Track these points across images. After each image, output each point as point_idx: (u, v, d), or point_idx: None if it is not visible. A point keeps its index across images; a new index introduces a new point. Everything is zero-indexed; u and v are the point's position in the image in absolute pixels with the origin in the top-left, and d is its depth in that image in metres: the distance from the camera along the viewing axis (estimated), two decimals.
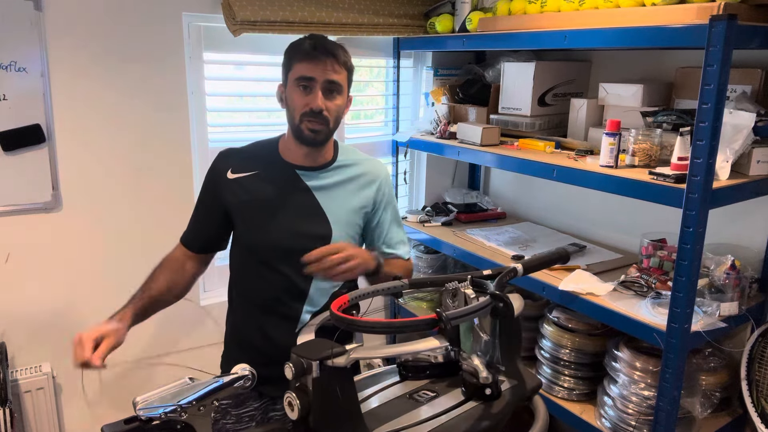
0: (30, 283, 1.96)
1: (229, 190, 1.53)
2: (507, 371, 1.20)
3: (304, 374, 1.00)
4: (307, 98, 1.46)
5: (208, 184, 1.59)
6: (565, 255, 1.50)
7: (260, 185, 1.53)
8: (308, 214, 1.53)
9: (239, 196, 1.53)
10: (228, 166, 1.55)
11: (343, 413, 1.00)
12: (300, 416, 1.00)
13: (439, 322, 1.00)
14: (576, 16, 1.77)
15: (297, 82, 1.46)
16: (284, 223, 1.52)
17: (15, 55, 1.78)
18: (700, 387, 1.71)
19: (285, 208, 1.52)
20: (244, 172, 1.54)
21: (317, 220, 1.54)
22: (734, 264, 1.63)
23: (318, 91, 1.45)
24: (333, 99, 1.48)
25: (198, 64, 2.12)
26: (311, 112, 1.45)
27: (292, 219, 1.52)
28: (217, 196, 1.55)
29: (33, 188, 1.89)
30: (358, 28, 2.25)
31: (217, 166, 1.57)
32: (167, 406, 0.98)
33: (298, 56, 1.46)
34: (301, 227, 1.52)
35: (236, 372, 1.08)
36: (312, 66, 1.44)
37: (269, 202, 1.52)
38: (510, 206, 2.67)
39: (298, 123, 1.48)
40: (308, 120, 1.46)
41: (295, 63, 1.47)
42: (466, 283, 1.26)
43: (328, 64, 1.45)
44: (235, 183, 1.53)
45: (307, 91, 1.46)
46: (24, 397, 1.92)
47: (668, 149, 1.63)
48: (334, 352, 0.98)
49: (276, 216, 1.52)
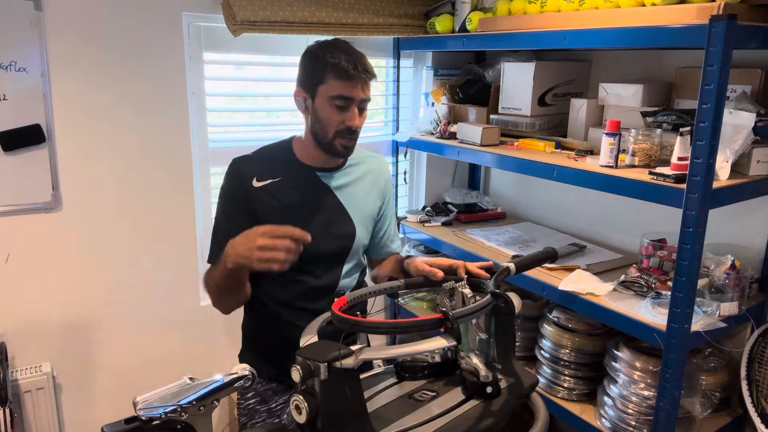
0: (30, 283, 1.96)
1: (257, 198, 1.50)
2: (503, 369, 1.21)
3: (312, 377, 0.99)
4: (343, 116, 1.44)
5: (235, 194, 1.52)
6: (554, 254, 1.53)
7: (287, 191, 1.52)
8: (334, 215, 1.56)
9: (268, 203, 1.51)
10: (251, 175, 1.51)
11: (351, 415, 1.00)
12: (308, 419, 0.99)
13: (445, 322, 1.00)
14: (576, 16, 1.76)
15: (332, 99, 1.44)
16: (314, 226, 1.50)
17: (15, 55, 1.78)
18: (700, 387, 1.71)
19: (313, 211, 1.54)
20: (268, 179, 1.52)
21: (343, 220, 1.57)
22: (734, 264, 1.63)
23: (354, 109, 1.45)
24: (363, 114, 1.50)
25: (198, 64, 2.12)
26: (347, 130, 1.46)
27: (321, 221, 1.53)
28: (247, 206, 1.51)
29: (33, 188, 1.89)
30: (358, 28, 2.25)
31: (238, 175, 1.52)
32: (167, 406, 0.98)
33: (335, 72, 1.42)
34: (330, 228, 1.54)
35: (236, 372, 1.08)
36: (351, 86, 1.42)
37: (298, 206, 1.52)
38: (510, 206, 2.67)
39: (331, 139, 1.47)
40: (343, 137, 1.47)
41: (329, 78, 1.43)
42: (463, 283, 1.27)
43: (366, 83, 1.45)
44: (263, 191, 1.51)
45: (343, 110, 1.44)
46: (24, 397, 1.92)
47: (668, 149, 1.63)
48: (342, 353, 0.97)
49: (306, 220, 1.51)
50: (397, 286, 1.39)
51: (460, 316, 1.03)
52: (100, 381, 2.14)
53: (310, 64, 1.46)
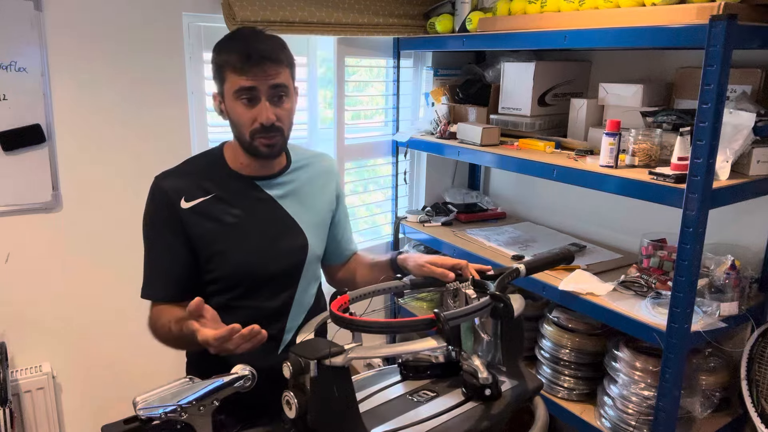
0: (30, 283, 1.96)
1: (188, 221, 1.31)
2: (508, 372, 1.20)
3: (302, 373, 1.00)
4: (254, 111, 1.28)
5: (162, 218, 1.33)
6: (570, 255, 1.50)
7: (222, 208, 1.34)
8: (282, 228, 1.40)
9: (202, 225, 1.32)
10: (178, 195, 1.32)
11: (340, 412, 1.01)
12: (298, 415, 1.01)
13: (436, 323, 1.00)
14: (576, 16, 1.76)
15: (237, 95, 1.27)
16: (260, 243, 1.36)
17: (15, 55, 1.78)
18: (700, 387, 1.71)
19: (256, 227, 1.37)
20: (199, 198, 1.33)
21: (292, 233, 1.41)
22: (734, 264, 1.63)
23: (264, 101, 1.27)
24: (282, 104, 1.30)
25: (198, 64, 2.12)
26: (262, 127, 1.28)
27: (268, 237, 1.38)
28: (179, 231, 1.32)
29: (33, 188, 1.89)
30: (358, 28, 2.25)
31: (163, 197, 1.33)
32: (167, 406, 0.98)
33: (231, 64, 1.26)
34: (279, 244, 1.39)
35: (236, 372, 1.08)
36: (250, 75, 1.25)
37: (238, 224, 1.35)
38: (510, 206, 2.67)
39: (250, 140, 1.31)
40: (261, 136, 1.30)
41: (228, 73, 1.27)
42: (467, 284, 1.26)
43: (267, 68, 1.25)
44: (193, 212, 1.32)
45: (251, 104, 1.28)
46: (24, 397, 1.92)
47: (668, 149, 1.63)
48: (332, 351, 0.99)
49: (249, 238, 1.35)
50: (402, 285, 1.39)
51: (452, 317, 1.02)
52: (100, 381, 2.14)
53: (213, 63, 1.32)
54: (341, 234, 1.59)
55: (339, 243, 1.59)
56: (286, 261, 1.40)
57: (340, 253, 1.61)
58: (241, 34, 1.32)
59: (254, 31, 1.32)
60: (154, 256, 1.37)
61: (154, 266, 1.36)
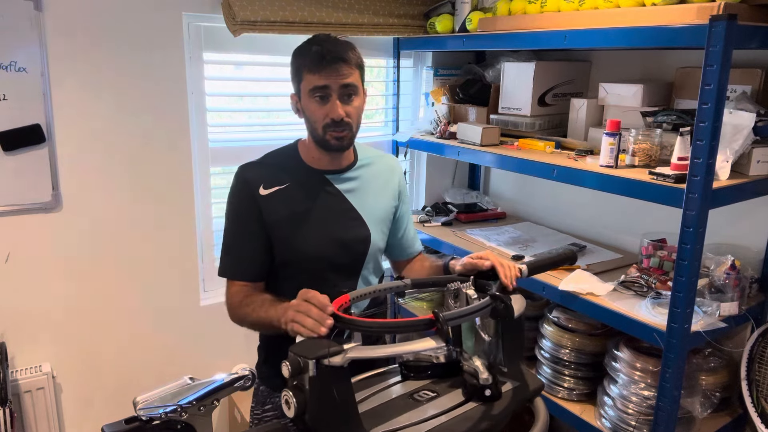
0: (30, 283, 1.96)
1: (266, 207, 1.45)
2: (509, 372, 1.20)
3: (301, 373, 1.01)
4: (325, 108, 1.40)
5: (245, 205, 1.46)
6: (573, 256, 1.50)
7: (296, 197, 1.47)
8: (346, 219, 1.51)
9: (277, 212, 1.45)
10: (257, 183, 1.46)
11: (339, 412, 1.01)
12: (296, 414, 1.01)
13: (435, 323, 1.00)
14: (576, 16, 1.76)
15: (311, 93, 1.41)
16: (327, 232, 1.47)
17: (15, 55, 1.78)
18: (700, 387, 1.71)
19: (324, 217, 1.48)
20: (276, 186, 1.46)
21: (355, 224, 1.51)
22: (734, 264, 1.63)
23: (335, 99, 1.40)
24: (351, 102, 1.43)
25: (198, 64, 2.12)
26: (333, 122, 1.41)
27: (333, 227, 1.49)
28: (258, 216, 1.45)
29: (33, 188, 1.89)
30: (358, 28, 2.25)
31: (245, 184, 1.47)
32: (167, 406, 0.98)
33: (307, 65, 1.40)
34: (343, 234, 1.49)
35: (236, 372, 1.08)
36: (323, 75, 1.38)
37: (308, 213, 1.47)
38: (510, 206, 2.67)
39: (323, 134, 1.43)
40: (332, 130, 1.42)
41: (305, 73, 1.41)
42: (469, 284, 1.26)
43: (339, 69, 1.39)
44: (271, 199, 1.45)
45: (324, 101, 1.40)
46: (24, 397, 1.92)
47: (668, 149, 1.63)
48: (331, 351, 0.99)
49: (318, 227, 1.47)
50: (404, 285, 1.39)
51: (451, 318, 1.02)
52: (100, 381, 2.14)
53: (292, 66, 1.45)
54: (403, 230, 1.67)
55: (401, 239, 1.67)
56: (350, 251, 1.50)
57: (402, 250, 1.69)
58: (316, 38, 1.43)
59: (328, 36, 1.44)
60: (236, 239, 1.48)
61: (235, 248, 1.48)
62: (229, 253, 1.48)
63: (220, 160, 2.24)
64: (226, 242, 1.49)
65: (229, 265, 1.48)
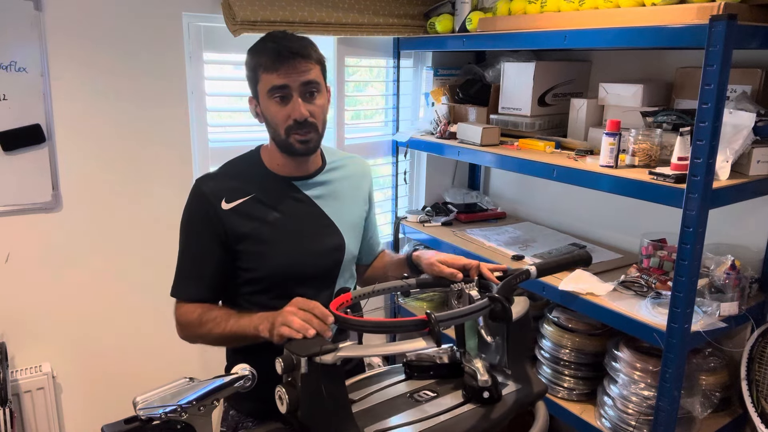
0: (30, 283, 1.96)
1: (229, 222, 1.34)
2: (513, 374, 1.20)
3: (294, 369, 1.02)
4: (287, 109, 1.31)
5: (203, 222, 1.36)
6: (587, 258, 1.44)
7: (262, 208, 1.37)
8: (319, 227, 1.42)
9: (243, 225, 1.35)
10: (218, 197, 1.35)
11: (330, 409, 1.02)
12: (289, 410, 1.02)
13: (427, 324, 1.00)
14: (576, 16, 1.76)
15: (270, 94, 1.31)
16: (298, 243, 1.38)
17: (15, 55, 1.78)
18: (700, 387, 1.71)
19: (295, 226, 1.39)
20: (239, 199, 1.36)
21: (328, 232, 1.43)
22: (734, 264, 1.63)
23: (296, 98, 1.30)
24: (314, 100, 1.33)
25: (198, 64, 2.12)
26: (296, 123, 1.31)
27: (305, 236, 1.40)
28: (218, 233, 1.35)
29: (33, 188, 1.89)
30: (358, 28, 2.25)
31: (203, 199, 1.36)
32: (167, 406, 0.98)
33: (263, 65, 1.30)
34: (316, 243, 1.41)
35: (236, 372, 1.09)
36: (282, 73, 1.28)
37: (277, 224, 1.37)
38: (510, 206, 2.67)
39: (286, 138, 1.33)
40: (296, 133, 1.32)
41: (261, 73, 1.31)
42: (472, 285, 1.26)
43: (298, 65, 1.29)
44: (234, 213, 1.35)
45: (284, 102, 1.31)
46: (24, 397, 1.92)
47: (668, 149, 1.63)
48: (323, 349, 1.00)
49: (288, 237, 1.38)
50: (408, 285, 1.38)
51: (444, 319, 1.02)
52: (100, 381, 2.14)
53: (247, 67, 1.35)
54: (371, 234, 1.62)
55: (369, 243, 1.62)
56: (324, 261, 1.42)
57: (369, 253, 1.63)
58: (271, 36, 1.35)
59: (284, 33, 1.36)
60: (189, 257, 1.40)
61: (188, 267, 1.39)
62: (183, 273, 1.40)
63: (220, 160, 2.23)
64: (181, 261, 1.40)
65: (184, 287, 1.39)
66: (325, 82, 1.38)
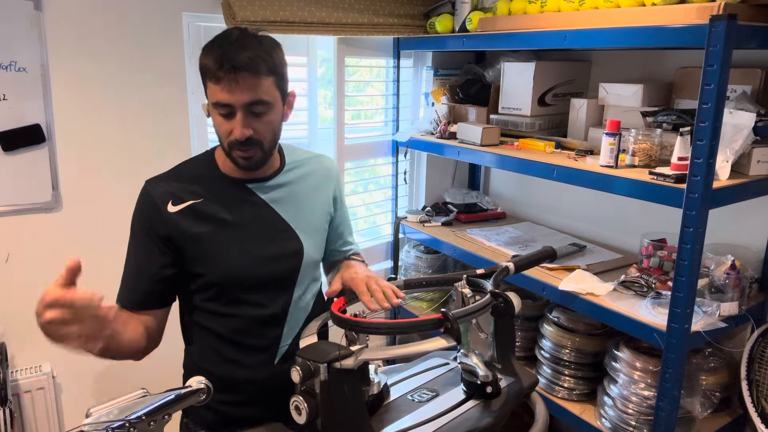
0: (30, 283, 1.95)
1: (175, 225, 1.28)
2: (503, 369, 1.21)
3: (312, 377, 1.00)
4: (230, 124, 1.22)
5: (145, 223, 1.31)
6: (552, 253, 1.52)
7: (212, 211, 1.29)
8: (274, 232, 1.34)
9: (190, 229, 1.28)
10: (164, 199, 1.29)
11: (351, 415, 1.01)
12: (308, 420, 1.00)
13: (444, 322, 1.00)
14: (576, 16, 1.76)
15: (214, 107, 1.22)
16: (251, 248, 1.31)
17: (15, 55, 1.78)
18: (700, 387, 1.71)
19: (248, 231, 1.31)
20: (187, 201, 1.29)
21: (285, 236, 1.35)
22: (734, 264, 1.63)
23: (240, 117, 1.20)
24: (261, 118, 1.23)
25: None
26: (238, 142, 1.22)
27: (259, 242, 1.32)
28: (161, 236, 1.28)
29: (33, 188, 1.89)
30: (358, 28, 2.25)
31: (148, 201, 1.30)
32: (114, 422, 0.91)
33: (208, 73, 1.20)
34: (271, 249, 1.33)
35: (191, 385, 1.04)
36: (224, 88, 1.18)
37: (228, 228, 1.30)
38: (510, 206, 2.67)
39: (229, 150, 1.26)
40: (238, 149, 1.24)
41: (207, 80, 1.22)
42: (463, 283, 1.27)
43: (243, 82, 1.17)
44: (182, 216, 1.28)
45: (228, 117, 1.22)
46: (24, 397, 1.92)
47: (668, 149, 1.63)
48: (342, 354, 0.99)
49: (240, 242, 1.30)
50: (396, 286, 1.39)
51: (460, 316, 1.03)
52: (100, 381, 2.14)
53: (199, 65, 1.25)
54: (336, 239, 1.53)
55: (339, 245, 1.54)
56: (280, 266, 1.34)
57: (332, 257, 1.54)
58: (225, 36, 1.22)
59: (241, 35, 1.22)
60: (130, 261, 1.34)
61: (132, 275, 1.33)
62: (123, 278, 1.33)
63: None
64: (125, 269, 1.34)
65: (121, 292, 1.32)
66: (281, 92, 1.27)
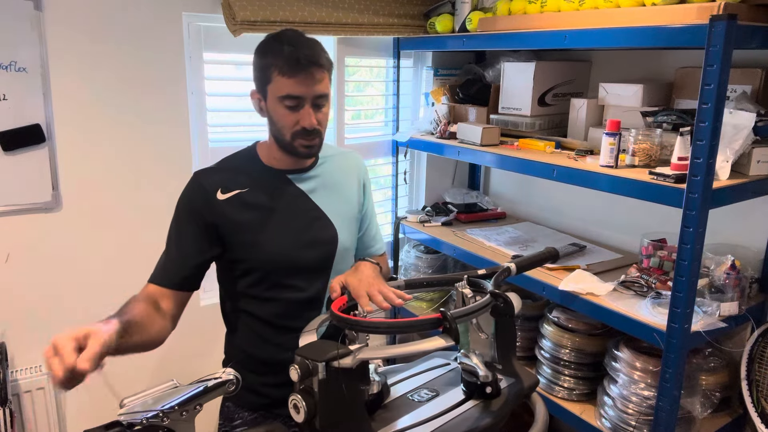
0: (30, 283, 1.96)
1: (221, 212, 1.39)
2: (504, 369, 1.21)
3: (310, 376, 1.00)
4: (296, 116, 1.33)
5: (194, 209, 1.40)
6: (555, 254, 1.52)
7: (257, 199, 1.41)
8: (312, 220, 1.46)
9: (238, 215, 1.39)
10: (215, 187, 1.40)
11: (349, 414, 1.00)
12: (306, 419, 1.00)
13: (443, 322, 1.00)
14: (576, 16, 1.76)
15: (281, 99, 1.32)
16: (291, 234, 1.42)
17: (15, 55, 1.78)
18: (700, 387, 1.71)
19: (288, 218, 1.43)
20: (235, 190, 1.40)
21: (321, 224, 1.46)
22: (734, 264, 1.63)
23: (308, 108, 1.33)
24: (321, 110, 1.37)
25: (198, 64, 2.12)
26: (304, 131, 1.34)
27: (298, 228, 1.43)
28: (207, 222, 1.39)
29: (33, 188, 1.89)
30: (358, 28, 2.25)
31: (200, 189, 1.41)
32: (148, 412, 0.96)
33: (279, 67, 1.30)
34: (309, 234, 1.44)
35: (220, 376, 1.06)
36: (298, 82, 1.30)
37: (271, 215, 1.42)
38: (510, 206, 2.67)
39: (290, 141, 1.37)
40: (302, 139, 1.36)
41: (275, 75, 1.31)
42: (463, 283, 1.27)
43: (314, 75, 1.30)
44: (230, 203, 1.39)
45: (295, 109, 1.33)
46: (24, 397, 1.92)
47: (668, 149, 1.63)
48: (340, 353, 0.99)
49: (282, 228, 1.42)
50: (397, 286, 1.39)
51: (459, 316, 1.03)
52: (100, 381, 2.13)
53: (257, 63, 1.36)
54: (365, 229, 1.61)
55: (360, 240, 1.61)
56: (316, 252, 1.45)
57: (361, 252, 1.62)
58: (286, 37, 1.33)
59: (298, 34, 1.35)
60: (177, 243, 1.42)
61: (174, 255, 1.41)
62: (163, 259, 1.42)
63: None
64: (165, 249, 1.43)
65: (157, 271, 1.40)
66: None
